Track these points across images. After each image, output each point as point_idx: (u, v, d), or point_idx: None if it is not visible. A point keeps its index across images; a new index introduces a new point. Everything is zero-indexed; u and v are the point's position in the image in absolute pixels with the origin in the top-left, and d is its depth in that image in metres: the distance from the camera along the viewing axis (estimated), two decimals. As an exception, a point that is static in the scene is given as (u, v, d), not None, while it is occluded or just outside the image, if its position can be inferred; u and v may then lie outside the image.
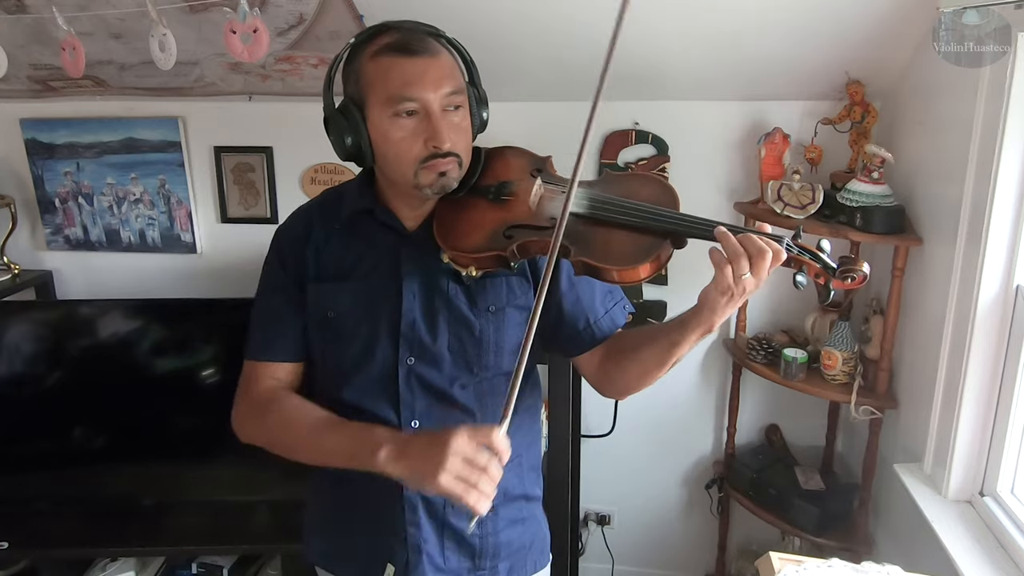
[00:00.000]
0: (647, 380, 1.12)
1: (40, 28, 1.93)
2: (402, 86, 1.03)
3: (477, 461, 0.95)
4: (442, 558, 1.20)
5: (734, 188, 2.17)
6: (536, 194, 1.10)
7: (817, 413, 2.25)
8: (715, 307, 0.96)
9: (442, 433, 0.98)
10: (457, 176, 1.09)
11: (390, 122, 1.05)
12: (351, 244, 1.17)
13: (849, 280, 0.93)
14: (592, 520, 2.54)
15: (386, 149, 1.08)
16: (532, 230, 1.06)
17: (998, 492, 1.58)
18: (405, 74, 1.04)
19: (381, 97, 1.05)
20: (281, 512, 2.14)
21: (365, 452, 1.05)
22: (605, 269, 1.00)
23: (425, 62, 1.04)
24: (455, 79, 1.07)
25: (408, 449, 1.03)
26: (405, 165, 1.07)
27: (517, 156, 1.18)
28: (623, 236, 1.01)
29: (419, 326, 1.14)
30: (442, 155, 1.06)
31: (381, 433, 1.07)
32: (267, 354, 1.23)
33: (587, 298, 1.18)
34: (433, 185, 1.08)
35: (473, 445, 0.96)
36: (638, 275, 1.00)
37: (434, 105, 1.04)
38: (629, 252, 1.00)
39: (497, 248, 1.06)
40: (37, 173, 2.38)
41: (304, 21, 1.86)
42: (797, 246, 0.95)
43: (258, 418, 1.21)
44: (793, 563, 1.15)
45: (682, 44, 1.86)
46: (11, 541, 2.05)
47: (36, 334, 2.17)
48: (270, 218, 2.35)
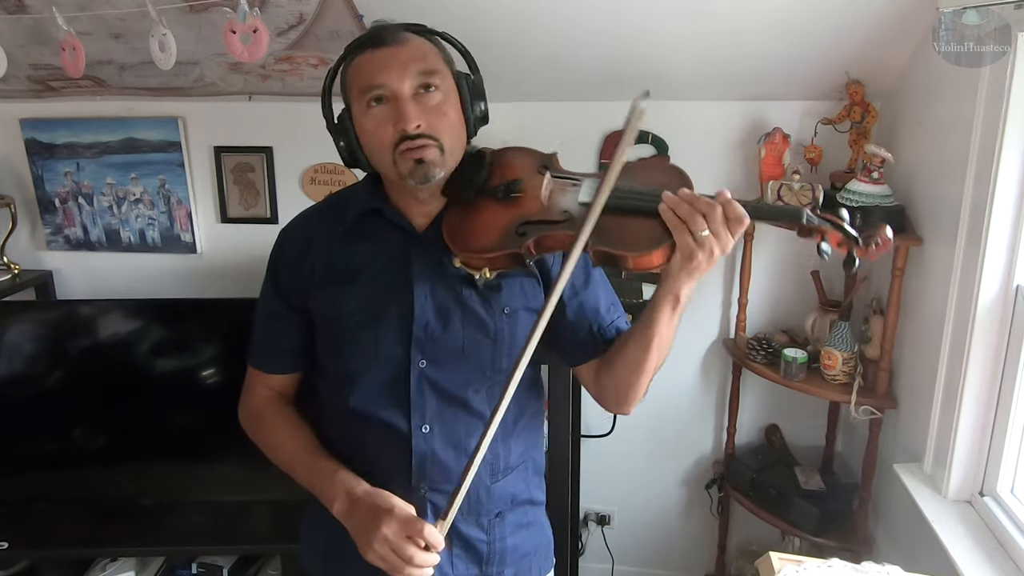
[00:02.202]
0: (638, 378, 1.11)
1: (40, 28, 1.93)
2: (370, 75, 1.04)
3: (402, 551, 1.00)
4: (450, 565, 1.19)
5: (734, 188, 2.11)
6: (547, 189, 1.10)
7: (817, 413, 2.25)
8: (678, 272, 0.97)
9: (380, 511, 1.04)
10: (438, 162, 1.06)
11: (364, 114, 1.06)
12: (358, 246, 1.15)
13: (873, 246, 0.94)
14: (592, 520, 2.54)
15: (367, 143, 1.08)
16: (546, 225, 1.05)
17: (998, 492, 1.58)
18: (373, 63, 1.04)
19: (355, 92, 1.06)
20: (281, 512, 2.13)
21: (324, 499, 1.13)
22: (622, 256, 1.00)
23: (392, 50, 1.05)
24: (426, 61, 1.06)
25: (352, 514, 1.08)
26: (383, 154, 1.06)
27: (523, 155, 1.17)
28: (639, 223, 1.01)
29: (433, 328, 1.12)
30: (412, 137, 1.04)
31: (338, 486, 1.11)
32: (261, 365, 1.26)
33: (592, 307, 1.18)
34: (414, 174, 1.05)
35: (401, 535, 1.01)
36: (653, 261, 1.00)
37: (401, 88, 1.03)
38: (645, 238, 1.00)
39: (511, 247, 1.05)
40: (37, 173, 2.38)
41: (304, 21, 1.86)
42: (818, 216, 0.96)
43: (253, 429, 1.26)
44: (793, 563, 1.15)
45: (682, 44, 1.86)
46: (11, 541, 2.05)
47: (36, 334, 2.17)
48: (270, 218, 2.36)
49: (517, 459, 1.23)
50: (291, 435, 1.21)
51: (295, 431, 1.21)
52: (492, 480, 1.20)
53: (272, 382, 1.25)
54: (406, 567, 1.01)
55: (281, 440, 1.21)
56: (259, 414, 1.24)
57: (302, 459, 1.18)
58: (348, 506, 1.09)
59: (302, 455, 1.18)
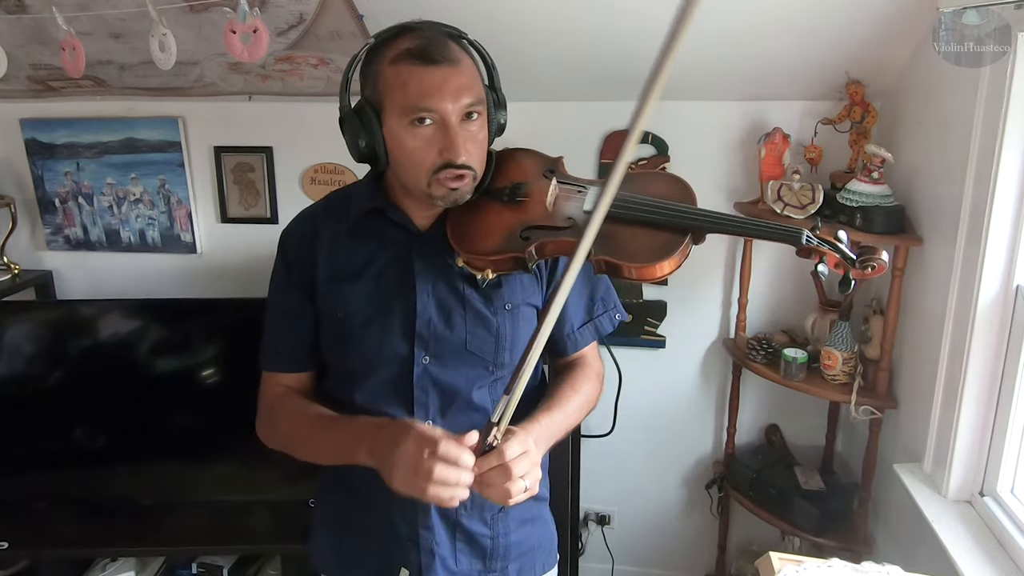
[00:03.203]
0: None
1: (40, 28, 1.93)
2: (420, 96, 1.01)
3: (420, 467, 0.96)
4: (454, 561, 1.20)
5: (734, 188, 2.17)
6: (552, 194, 1.10)
7: (817, 413, 2.25)
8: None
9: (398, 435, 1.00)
10: (469, 190, 1.08)
11: (406, 130, 1.04)
12: (361, 244, 1.16)
13: (869, 269, 0.97)
14: (592, 520, 2.54)
15: (401, 156, 1.06)
16: (550, 231, 1.06)
17: (998, 492, 1.58)
18: (424, 84, 1.01)
19: (398, 105, 1.03)
20: (281, 512, 2.13)
21: (350, 448, 1.07)
22: (626, 267, 1.01)
23: (445, 72, 1.02)
24: (474, 88, 1.05)
25: (376, 445, 1.04)
26: (419, 174, 1.06)
27: (529, 158, 1.18)
28: (643, 233, 1.02)
29: (435, 324, 1.13)
30: (455, 167, 1.04)
31: (361, 427, 1.08)
32: (272, 365, 1.25)
33: (572, 305, 1.19)
34: (445, 197, 1.07)
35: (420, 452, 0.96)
36: (657, 272, 1.01)
37: (452, 116, 1.02)
38: (650, 249, 1.01)
39: (515, 250, 1.05)
40: (37, 173, 2.38)
41: (304, 21, 1.86)
42: (816, 237, 0.99)
43: (270, 426, 1.23)
44: (793, 563, 1.15)
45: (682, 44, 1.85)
46: (11, 541, 2.06)
47: (36, 334, 2.17)
48: (270, 218, 2.36)
49: None
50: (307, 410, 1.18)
51: (308, 406, 1.19)
52: None
53: (286, 380, 1.24)
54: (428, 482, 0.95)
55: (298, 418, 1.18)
56: (271, 411, 1.23)
57: (321, 422, 1.15)
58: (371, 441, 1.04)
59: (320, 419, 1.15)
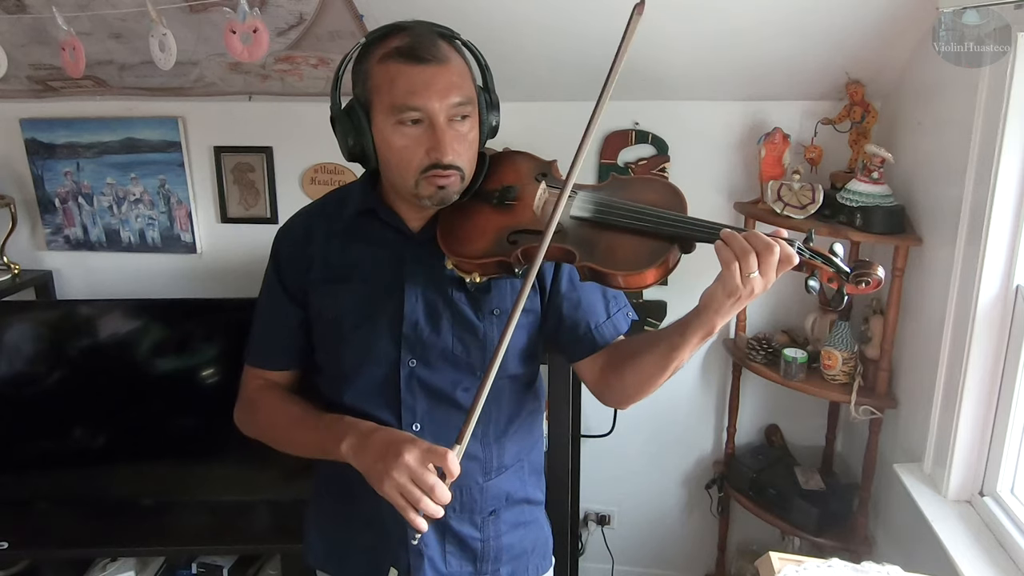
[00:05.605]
0: (647, 388, 1.11)
1: (40, 28, 1.93)
2: (407, 95, 1.01)
3: (423, 480, 0.96)
4: (444, 562, 1.20)
5: (734, 188, 2.17)
6: (540, 199, 1.09)
7: (817, 413, 2.25)
8: (719, 308, 0.93)
9: (398, 440, 1.00)
10: (457, 190, 1.07)
11: (393, 129, 1.03)
12: (354, 245, 1.16)
13: (863, 284, 0.90)
14: (592, 520, 2.54)
15: (389, 156, 1.06)
16: (536, 235, 1.03)
17: (998, 492, 1.58)
18: (411, 82, 1.01)
19: (386, 103, 1.03)
20: (281, 512, 2.14)
21: (331, 443, 1.08)
22: (611, 274, 0.99)
23: (433, 70, 1.01)
24: (464, 88, 1.04)
25: (365, 448, 1.04)
26: (406, 173, 1.05)
27: (522, 160, 1.16)
28: (630, 241, 1.00)
29: (422, 328, 1.13)
30: (443, 167, 1.03)
31: (346, 425, 1.08)
32: (258, 361, 1.26)
33: (589, 302, 1.17)
34: (432, 197, 1.06)
35: (423, 463, 0.96)
36: (645, 280, 0.98)
37: (439, 116, 1.02)
38: (635, 257, 0.98)
39: (501, 254, 1.04)
40: (37, 173, 2.38)
41: (304, 21, 1.86)
42: (809, 250, 0.93)
43: (250, 417, 1.24)
44: (793, 563, 1.15)
45: (682, 44, 1.86)
46: (11, 541, 2.05)
47: (36, 334, 2.16)
48: (270, 218, 2.36)
49: (511, 458, 1.23)
50: (289, 404, 1.19)
51: (291, 401, 1.20)
52: (484, 479, 1.20)
53: (269, 377, 1.25)
54: (423, 499, 0.95)
55: (280, 411, 1.19)
56: (252, 401, 1.24)
57: (304, 417, 1.16)
58: (358, 440, 1.05)
59: (303, 414, 1.16)
